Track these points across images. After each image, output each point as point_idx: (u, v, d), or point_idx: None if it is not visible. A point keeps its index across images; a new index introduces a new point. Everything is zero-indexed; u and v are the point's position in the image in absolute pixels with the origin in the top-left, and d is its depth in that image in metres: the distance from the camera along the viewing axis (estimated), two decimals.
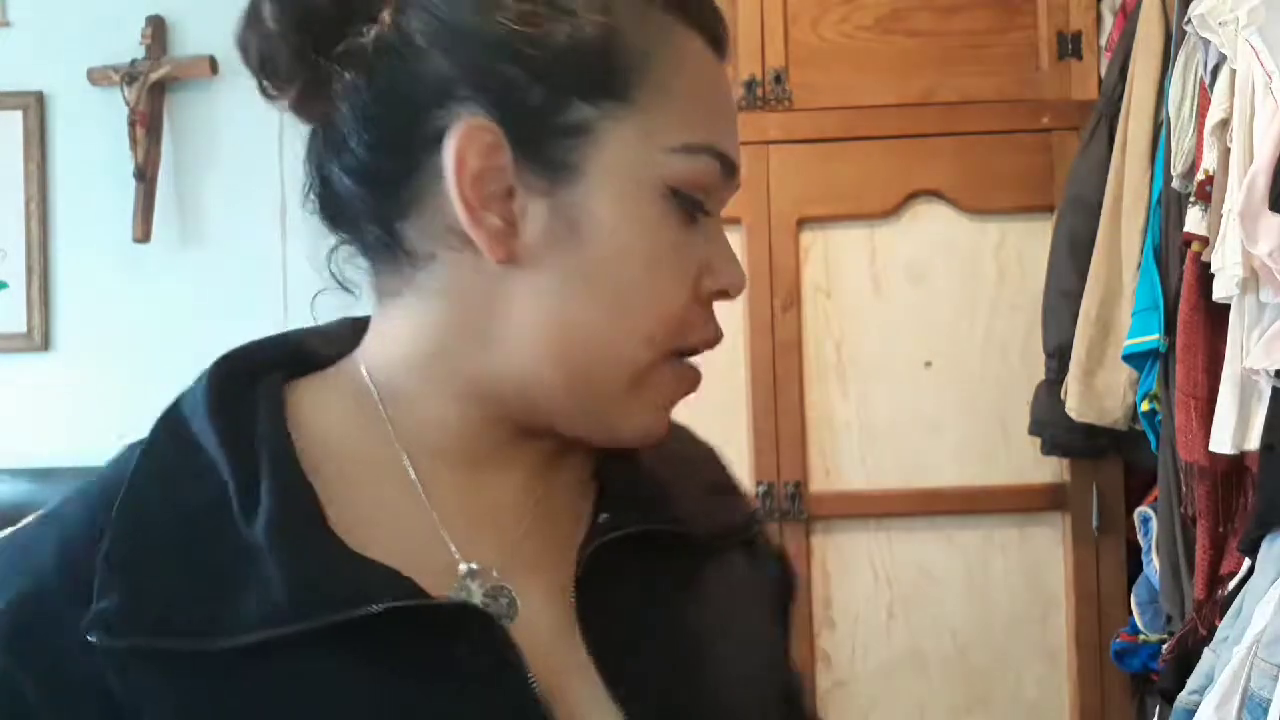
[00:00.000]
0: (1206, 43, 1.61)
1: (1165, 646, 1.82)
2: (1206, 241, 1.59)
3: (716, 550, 0.70)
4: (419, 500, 0.61)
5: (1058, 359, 2.13)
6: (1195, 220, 1.62)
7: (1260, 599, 1.38)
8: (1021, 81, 2.32)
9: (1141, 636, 2.06)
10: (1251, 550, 1.46)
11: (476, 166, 0.58)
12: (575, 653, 0.61)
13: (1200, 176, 1.62)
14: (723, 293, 0.64)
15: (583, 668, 0.61)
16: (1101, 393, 2.02)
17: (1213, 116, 1.59)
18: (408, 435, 0.62)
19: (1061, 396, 2.07)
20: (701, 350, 0.65)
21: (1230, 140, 1.55)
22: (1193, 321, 1.64)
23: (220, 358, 0.62)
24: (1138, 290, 1.87)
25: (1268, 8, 1.47)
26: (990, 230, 2.33)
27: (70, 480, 0.60)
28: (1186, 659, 1.63)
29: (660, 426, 0.65)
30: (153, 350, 2.58)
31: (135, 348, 2.62)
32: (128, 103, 2.59)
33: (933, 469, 2.32)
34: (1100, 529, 2.26)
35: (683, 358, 0.64)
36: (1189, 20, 1.64)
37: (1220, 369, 1.57)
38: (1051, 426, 2.15)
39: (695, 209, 0.61)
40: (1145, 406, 1.87)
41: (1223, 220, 1.52)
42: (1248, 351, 1.47)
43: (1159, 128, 1.90)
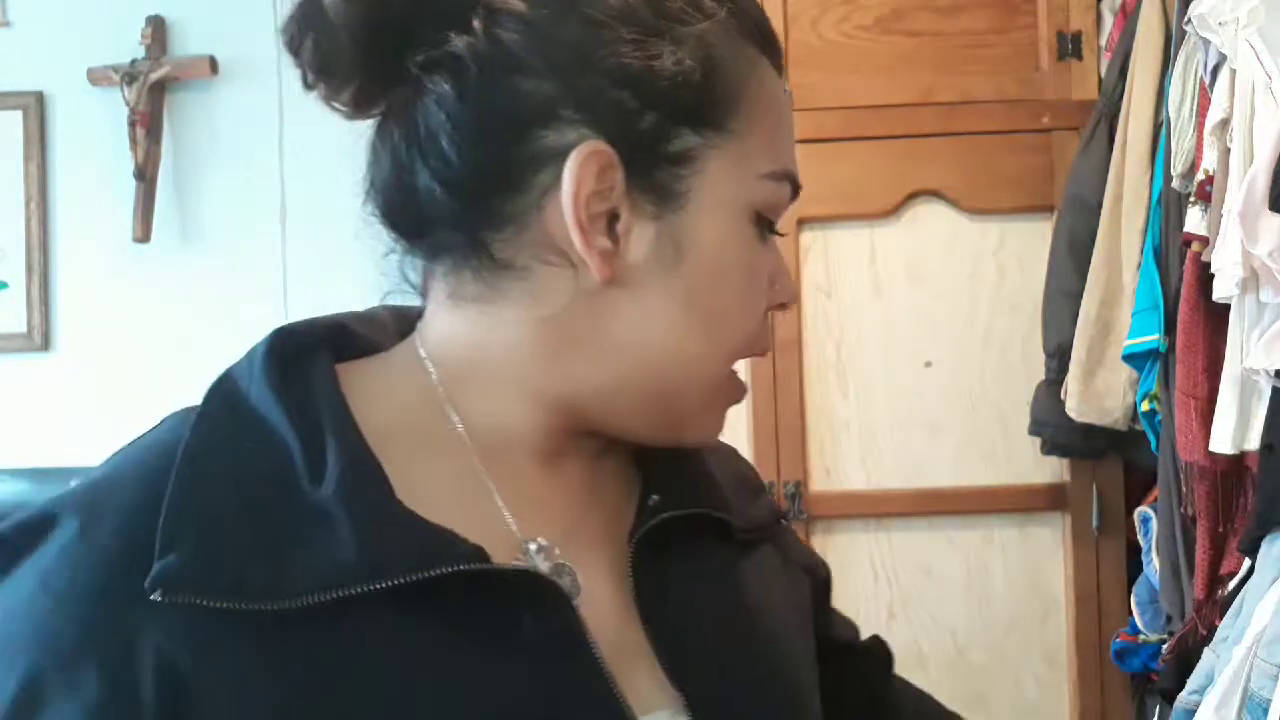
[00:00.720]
0: (1206, 43, 1.61)
1: (1165, 646, 1.82)
2: (1206, 241, 1.59)
3: (750, 544, 0.73)
4: (480, 480, 0.62)
5: (1058, 359, 2.13)
6: (1195, 220, 1.62)
7: (1260, 599, 1.37)
8: (1021, 81, 2.32)
9: (1141, 636, 2.06)
10: (1251, 550, 1.46)
11: (591, 188, 0.59)
12: (633, 631, 0.63)
13: (1200, 176, 1.62)
14: (781, 305, 0.67)
15: (639, 646, 0.62)
16: (1101, 393, 2.02)
17: (1213, 116, 1.58)
18: (469, 426, 0.63)
19: (1061, 396, 2.07)
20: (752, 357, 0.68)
21: (1230, 140, 1.55)
22: (1193, 321, 1.64)
23: (274, 332, 0.62)
24: (1138, 290, 1.87)
25: (1268, 8, 1.47)
26: (990, 230, 2.33)
27: (70, 481, 0.60)
28: (1186, 659, 1.63)
29: (719, 429, 0.68)
30: (153, 350, 2.59)
31: (135, 348, 2.62)
32: (128, 103, 2.59)
33: (933, 469, 2.32)
34: (1100, 529, 2.26)
35: None
36: (1189, 20, 1.64)
37: (1220, 369, 1.57)
38: (1051, 426, 2.15)
39: (769, 229, 0.65)
40: (1145, 406, 1.87)
41: (1223, 220, 1.52)
42: (1248, 351, 1.47)
43: (1159, 128, 1.90)
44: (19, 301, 2.67)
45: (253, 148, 2.61)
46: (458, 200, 0.61)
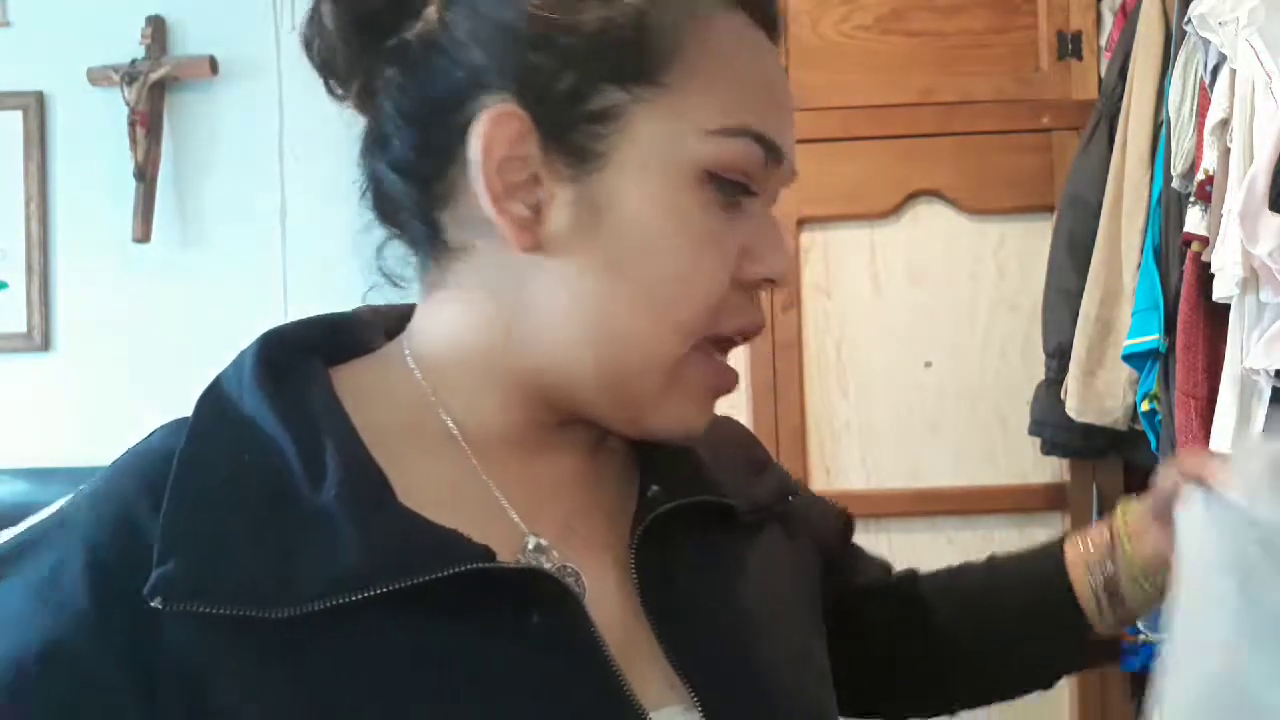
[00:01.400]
0: (1206, 43, 1.61)
1: None
2: (1206, 241, 1.59)
3: (755, 525, 0.71)
4: (478, 477, 0.61)
5: (1058, 359, 2.13)
6: (1195, 220, 1.62)
7: None
8: (1021, 81, 2.32)
9: (1141, 636, 2.06)
10: None
11: (502, 154, 0.58)
12: (639, 627, 0.62)
13: (1200, 176, 1.62)
14: (767, 280, 0.63)
15: (646, 642, 0.62)
16: (1101, 393, 2.01)
17: (1213, 116, 1.58)
18: (458, 422, 0.62)
19: (1061, 396, 2.07)
20: (740, 339, 0.64)
21: (1230, 140, 1.55)
22: (1193, 321, 1.64)
23: (261, 337, 0.62)
24: (1138, 290, 1.87)
25: (1268, 8, 1.47)
26: (990, 230, 2.33)
27: (70, 480, 0.60)
28: None
29: (698, 423, 0.64)
30: (153, 350, 2.58)
31: (135, 348, 2.62)
32: (128, 103, 2.58)
33: (932, 469, 2.32)
34: None
35: (721, 349, 0.63)
36: (1189, 20, 1.64)
37: (1220, 369, 1.57)
38: (1051, 426, 2.14)
39: (737, 193, 0.60)
40: (1145, 406, 1.87)
41: (1223, 220, 1.52)
42: (1248, 351, 1.47)
43: (1159, 128, 1.90)
44: (19, 301, 2.67)
45: (253, 148, 2.60)
46: (411, 184, 0.61)
